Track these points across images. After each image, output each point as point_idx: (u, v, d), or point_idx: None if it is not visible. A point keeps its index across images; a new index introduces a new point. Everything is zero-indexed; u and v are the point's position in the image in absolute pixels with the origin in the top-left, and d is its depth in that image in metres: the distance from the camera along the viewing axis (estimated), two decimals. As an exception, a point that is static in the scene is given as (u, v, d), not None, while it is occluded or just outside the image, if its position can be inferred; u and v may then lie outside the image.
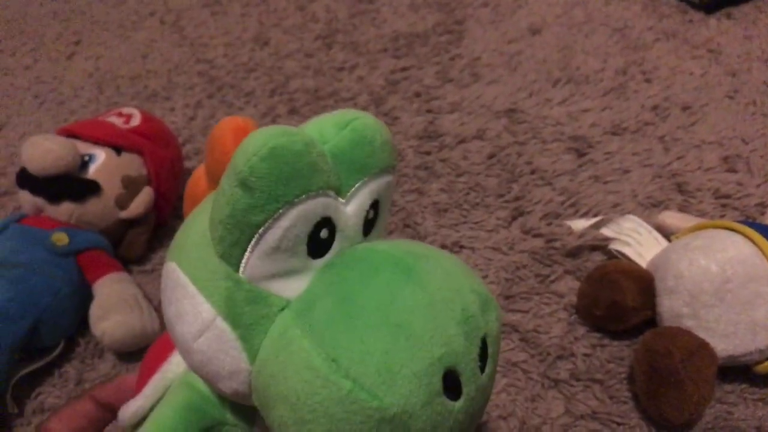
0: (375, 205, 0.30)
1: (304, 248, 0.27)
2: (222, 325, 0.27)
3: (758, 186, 0.60)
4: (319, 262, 0.28)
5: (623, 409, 0.47)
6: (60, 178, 0.57)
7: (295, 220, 0.26)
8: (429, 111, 0.74)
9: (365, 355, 0.24)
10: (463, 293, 0.27)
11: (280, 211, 0.25)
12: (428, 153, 0.69)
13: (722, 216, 0.58)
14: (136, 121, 0.64)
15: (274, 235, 0.26)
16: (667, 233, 0.54)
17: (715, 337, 0.44)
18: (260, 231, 0.25)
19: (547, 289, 0.55)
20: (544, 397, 0.48)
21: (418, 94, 0.77)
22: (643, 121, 0.69)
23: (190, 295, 0.27)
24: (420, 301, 0.26)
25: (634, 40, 0.80)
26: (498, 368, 0.50)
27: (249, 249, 0.26)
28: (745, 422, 0.45)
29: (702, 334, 0.44)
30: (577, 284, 0.54)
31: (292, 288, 0.27)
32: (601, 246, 0.56)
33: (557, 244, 0.57)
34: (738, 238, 0.46)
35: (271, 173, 0.25)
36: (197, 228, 0.28)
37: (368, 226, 0.30)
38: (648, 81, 0.74)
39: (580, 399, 0.47)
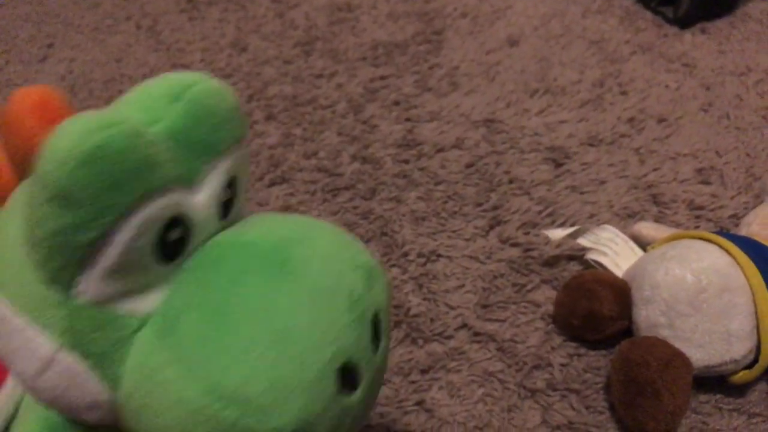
0: (231, 184, 0.26)
1: (152, 258, 0.22)
2: (68, 358, 0.23)
3: (732, 198, 0.61)
4: (174, 264, 0.23)
5: (600, 419, 0.46)
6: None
7: (136, 230, 0.21)
8: (408, 119, 0.74)
9: (249, 376, 0.21)
10: (346, 275, 0.24)
11: (115, 223, 0.21)
12: (406, 161, 0.69)
13: (696, 227, 0.58)
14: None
15: (112, 252, 0.21)
16: (642, 244, 0.54)
17: (690, 347, 0.44)
18: (93, 250, 0.21)
19: (524, 298, 0.54)
20: (520, 407, 0.48)
21: (396, 103, 0.77)
22: (619, 133, 0.69)
23: (19, 330, 0.23)
24: (301, 299, 0.22)
25: (611, 53, 0.80)
26: (474, 378, 0.49)
27: (83, 271, 0.21)
28: (720, 432, 0.45)
29: (678, 344, 0.44)
30: (554, 294, 0.54)
31: (146, 302, 0.23)
32: (578, 256, 0.56)
33: (534, 254, 0.57)
34: (713, 249, 0.46)
35: (94, 181, 0.20)
36: (10, 243, 0.23)
37: (225, 207, 0.26)
38: (624, 93, 0.74)
39: (557, 409, 0.47)
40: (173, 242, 0.23)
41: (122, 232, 0.21)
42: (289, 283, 0.23)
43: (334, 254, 0.24)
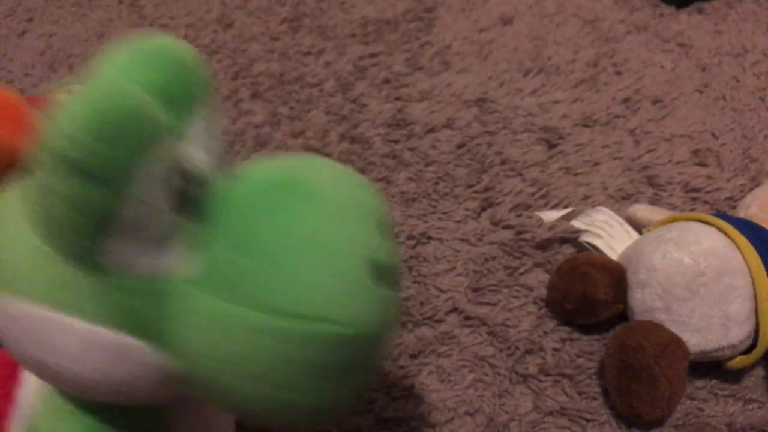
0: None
1: (167, 209, 0.23)
2: (109, 334, 0.23)
3: (728, 180, 0.59)
4: (194, 219, 0.24)
5: (593, 405, 0.45)
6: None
7: (149, 182, 0.22)
8: (398, 99, 0.72)
9: (301, 288, 0.22)
10: (353, 189, 0.26)
11: (131, 180, 0.21)
12: (396, 141, 0.67)
13: (692, 209, 0.57)
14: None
15: (132, 208, 0.21)
16: (638, 226, 0.53)
17: (687, 332, 0.43)
18: (116, 211, 0.21)
19: (516, 281, 0.53)
20: (512, 392, 0.46)
21: (386, 81, 0.75)
22: (613, 114, 0.68)
23: (52, 322, 0.23)
24: (327, 214, 0.24)
25: (605, 33, 0.79)
26: (465, 363, 0.48)
27: (109, 237, 0.22)
28: (716, 418, 0.44)
29: (674, 329, 0.43)
30: (546, 277, 0.53)
31: (177, 258, 0.23)
32: (572, 238, 0.55)
33: (527, 236, 0.56)
34: (712, 231, 0.45)
35: (112, 151, 0.20)
36: (16, 243, 0.23)
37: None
38: (619, 73, 0.73)
39: (549, 395, 0.46)
40: (184, 195, 0.23)
41: (138, 186, 0.21)
42: (312, 205, 0.24)
43: (336, 173, 0.26)
